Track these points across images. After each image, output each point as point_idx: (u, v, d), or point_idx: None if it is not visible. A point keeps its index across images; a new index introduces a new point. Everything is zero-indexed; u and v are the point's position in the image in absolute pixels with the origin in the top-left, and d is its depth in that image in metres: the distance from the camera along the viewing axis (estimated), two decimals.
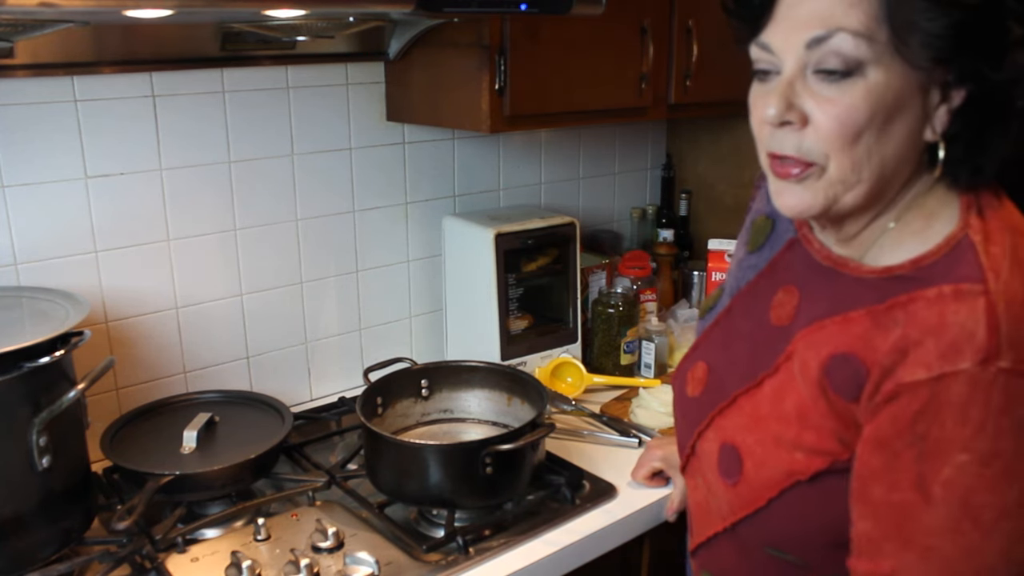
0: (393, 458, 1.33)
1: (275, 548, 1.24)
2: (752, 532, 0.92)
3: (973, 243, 0.78)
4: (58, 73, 1.37)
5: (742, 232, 1.08)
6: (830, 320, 0.84)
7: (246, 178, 1.62)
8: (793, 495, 0.86)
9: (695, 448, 1.00)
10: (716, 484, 0.95)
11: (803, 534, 0.88)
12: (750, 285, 1.00)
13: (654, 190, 2.36)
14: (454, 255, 1.84)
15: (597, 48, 1.64)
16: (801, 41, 0.77)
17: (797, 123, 0.78)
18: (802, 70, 0.78)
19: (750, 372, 0.93)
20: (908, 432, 0.75)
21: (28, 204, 1.39)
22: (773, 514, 0.88)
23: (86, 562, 1.21)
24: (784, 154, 0.80)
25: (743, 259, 1.04)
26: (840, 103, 0.76)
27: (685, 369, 1.06)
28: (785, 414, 0.87)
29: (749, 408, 0.91)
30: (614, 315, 1.84)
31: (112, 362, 1.22)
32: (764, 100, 0.81)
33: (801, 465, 0.85)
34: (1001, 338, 0.73)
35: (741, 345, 0.97)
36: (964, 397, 0.73)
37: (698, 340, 1.07)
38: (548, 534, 1.31)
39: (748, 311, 0.99)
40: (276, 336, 1.72)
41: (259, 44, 1.54)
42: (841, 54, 0.75)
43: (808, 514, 0.87)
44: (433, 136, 1.85)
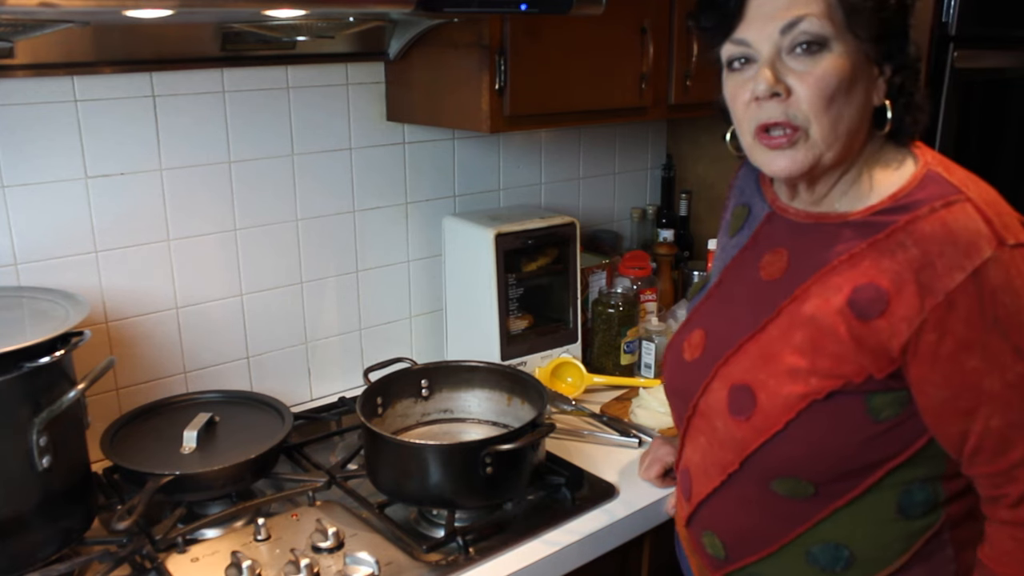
0: (393, 458, 1.33)
1: (275, 548, 1.24)
2: (764, 462, 0.99)
3: (938, 172, 0.95)
4: (58, 73, 1.37)
5: (723, 224, 1.21)
6: (837, 262, 0.96)
7: (246, 178, 1.62)
8: (808, 416, 0.95)
9: (697, 406, 1.07)
10: (726, 427, 1.02)
11: (816, 455, 0.96)
12: (735, 259, 1.11)
13: (654, 190, 2.36)
14: (454, 255, 1.84)
15: (597, 48, 1.64)
16: (776, 29, 0.92)
17: (783, 94, 0.93)
18: (778, 53, 0.93)
19: (752, 322, 1.02)
20: (983, 324, 0.87)
21: (28, 204, 1.39)
22: (788, 436, 0.96)
23: (86, 562, 1.21)
24: (774, 121, 0.94)
25: (726, 244, 1.16)
26: (815, 73, 0.92)
27: (681, 339, 1.14)
28: (798, 347, 0.96)
29: (756, 350, 1.00)
30: (614, 315, 1.85)
31: (112, 362, 1.22)
32: (749, 83, 0.95)
33: (817, 387, 0.94)
34: (997, 227, 0.88)
35: (736, 306, 1.07)
36: (1003, 276, 0.87)
37: (691, 314, 1.16)
38: (548, 534, 1.31)
39: (738, 279, 1.09)
40: (276, 336, 1.73)
41: (259, 44, 1.55)
42: (810, 32, 0.91)
43: (822, 433, 0.95)
44: (433, 136, 1.85)
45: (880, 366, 0.92)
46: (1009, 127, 2.20)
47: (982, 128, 2.09)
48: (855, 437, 0.94)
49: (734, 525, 1.07)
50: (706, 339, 1.08)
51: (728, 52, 0.97)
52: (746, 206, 1.14)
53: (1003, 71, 2.08)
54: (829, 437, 0.95)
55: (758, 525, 1.04)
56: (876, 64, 0.95)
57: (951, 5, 1.87)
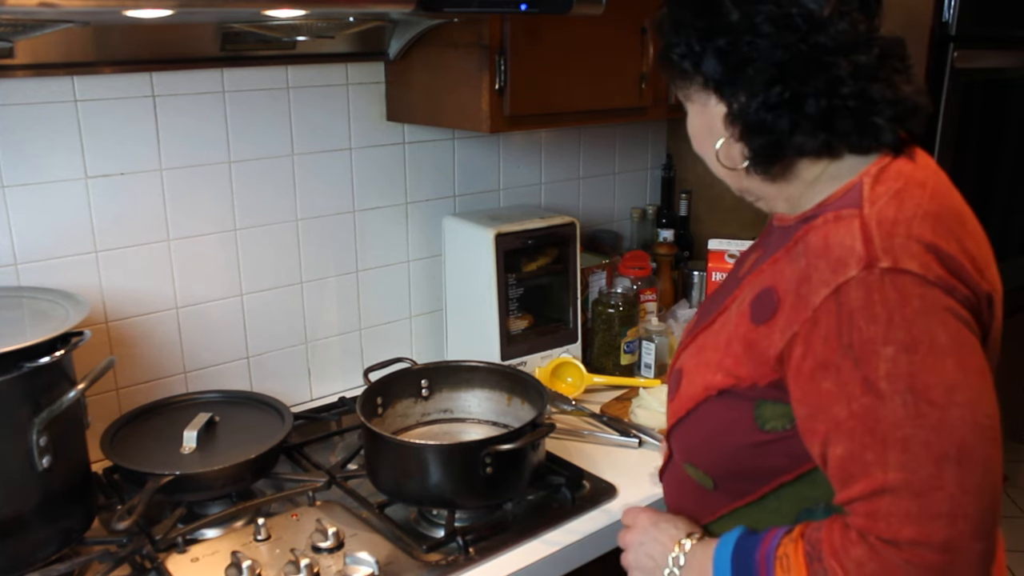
0: (393, 458, 1.33)
1: (275, 548, 1.24)
2: (677, 444, 1.06)
3: (862, 184, 0.90)
4: (58, 73, 1.37)
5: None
6: (767, 263, 0.96)
7: (246, 178, 1.62)
8: (704, 408, 0.98)
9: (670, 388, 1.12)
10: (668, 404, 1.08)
11: (707, 448, 1.00)
12: (737, 261, 1.14)
13: (654, 190, 2.36)
14: (454, 255, 1.84)
15: (597, 48, 1.64)
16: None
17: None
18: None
19: (709, 315, 1.07)
20: (838, 346, 0.83)
21: (28, 204, 1.39)
22: (688, 425, 1.01)
23: (86, 562, 1.21)
24: None
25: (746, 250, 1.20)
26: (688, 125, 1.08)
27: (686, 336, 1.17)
28: (718, 343, 0.99)
29: (700, 341, 1.05)
30: (614, 315, 1.85)
31: (112, 362, 1.22)
32: None
33: (716, 382, 0.97)
34: (876, 247, 0.83)
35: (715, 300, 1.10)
36: (863, 299, 0.82)
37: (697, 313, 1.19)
38: (548, 534, 1.31)
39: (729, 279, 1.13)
40: (276, 336, 1.73)
41: (259, 44, 1.55)
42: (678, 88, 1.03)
43: (712, 428, 0.98)
44: (433, 136, 1.85)
45: (761, 373, 0.91)
46: (1009, 127, 2.20)
47: (982, 128, 2.09)
48: (742, 440, 0.95)
49: (671, 502, 1.13)
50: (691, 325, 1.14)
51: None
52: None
53: (1003, 71, 2.08)
54: (718, 434, 0.98)
55: (682, 504, 1.09)
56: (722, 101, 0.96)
57: (951, 5, 1.87)
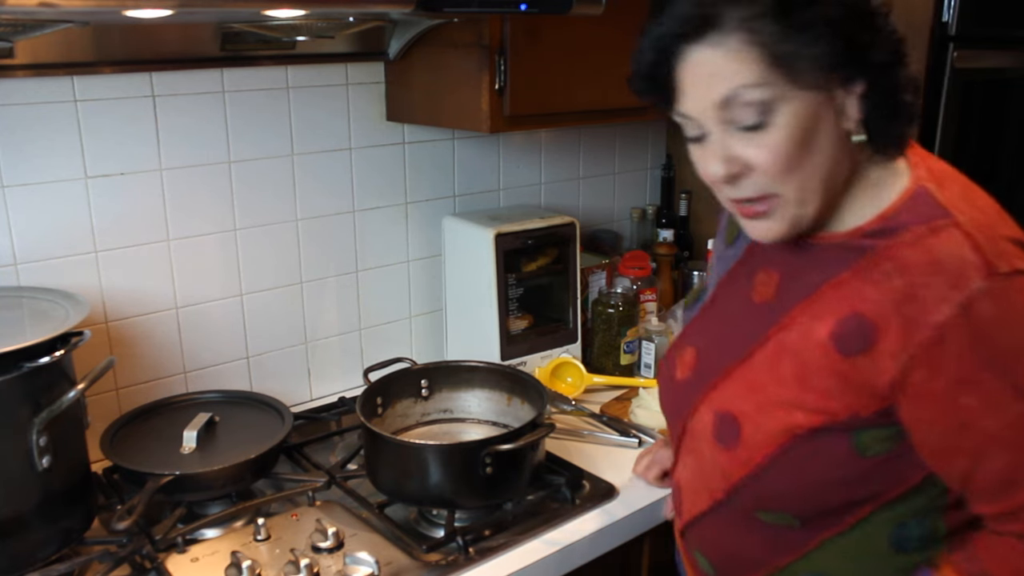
0: (393, 458, 1.33)
1: (275, 548, 1.24)
2: (748, 494, 0.96)
3: (928, 189, 0.88)
4: (58, 73, 1.37)
5: (719, 230, 1.16)
6: (825, 286, 0.91)
7: (246, 178, 1.62)
8: (791, 451, 0.91)
9: (686, 427, 1.05)
10: (711, 454, 0.99)
11: (798, 491, 0.93)
12: (729, 273, 1.08)
13: (654, 190, 2.36)
14: (454, 255, 1.84)
15: (597, 48, 1.64)
16: (712, 104, 0.85)
17: (741, 172, 0.87)
18: (725, 126, 0.86)
19: (740, 347, 0.99)
20: (976, 361, 0.81)
21: (28, 204, 1.39)
22: (771, 471, 0.93)
23: (86, 562, 1.21)
24: (744, 197, 0.89)
25: (722, 252, 1.12)
26: (768, 145, 0.85)
27: (673, 356, 1.11)
28: (783, 379, 0.92)
29: (743, 379, 0.97)
30: (614, 315, 1.85)
31: (112, 362, 1.22)
32: (705, 162, 0.90)
33: (800, 421, 0.90)
34: (987, 254, 0.81)
35: (727, 326, 1.04)
36: (995, 308, 0.80)
37: (685, 329, 1.14)
38: (548, 534, 1.31)
39: (730, 296, 1.06)
40: (276, 336, 1.72)
41: (259, 44, 1.55)
42: (750, 104, 0.83)
43: (804, 470, 0.91)
44: (433, 136, 1.85)
45: (865, 403, 0.87)
46: (1009, 127, 2.20)
47: (982, 128, 2.09)
48: (839, 473, 0.90)
49: (722, 549, 1.04)
50: (697, 359, 1.05)
51: (684, 126, 0.92)
52: None
53: (1003, 71, 2.08)
54: (812, 474, 0.91)
55: (746, 551, 1.01)
56: (841, 87, 0.85)
57: (951, 5, 1.87)
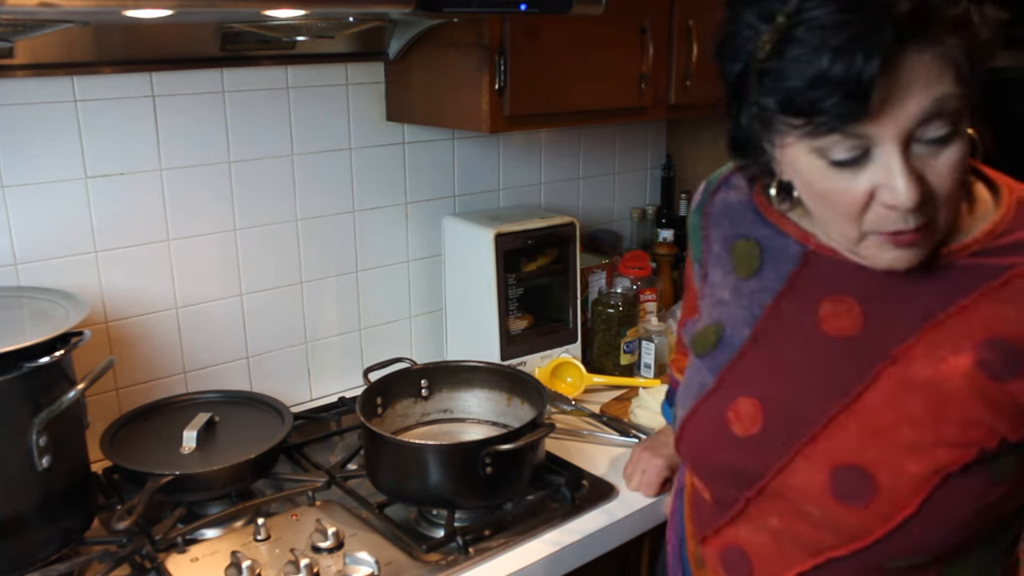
0: (393, 458, 1.33)
1: (275, 548, 1.24)
2: (888, 548, 0.87)
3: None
4: (58, 73, 1.37)
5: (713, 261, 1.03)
6: (943, 316, 0.85)
7: (246, 178, 1.62)
8: (942, 492, 0.85)
9: (767, 487, 0.92)
10: (828, 513, 0.89)
11: (945, 531, 0.86)
12: (771, 310, 0.94)
13: (654, 190, 2.36)
14: (454, 255, 1.84)
15: (597, 48, 1.64)
16: (910, 119, 0.75)
17: (923, 202, 0.77)
18: (908, 144, 0.76)
19: (835, 390, 0.89)
20: None
21: (28, 204, 1.39)
22: (922, 520, 0.85)
23: (86, 562, 1.21)
24: (909, 228, 0.79)
25: (737, 286, 0.98)
26: (951, 162, 0.77)
27: (721, 410, 0.96)
28: (915, 418, 0.85)
29: (856, 425, 0.87)
30: (614, 315, 1.84)
31: (112, 362, 1.22)
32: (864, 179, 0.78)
33: (946, 460, 0.84)
34: None
35: (796, 369, 0.92)
36: None
37: (722, 376, 0.97)
38: (548, 534, 1.31)
39: (785, 335, 0.93)
40: (276, 336, 1.72)
41: (259, 44, 1.55)
42: (946, 115, 0.75)
43: (952, 510, 0.85)
44: (433, 136, 1.85)
45: (1015, 427, 0.83)
46: (1009, 127, 2.20)
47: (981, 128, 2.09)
48: (982, 503, 0.85)
49: None
50: (764, 410, 0.92)
51: (837, 145, 0.77)
52: (753, 241, 0.98)
53: (1003, 71, 2.08)
54: (958, 511, 0.85)
55: None
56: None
57: None
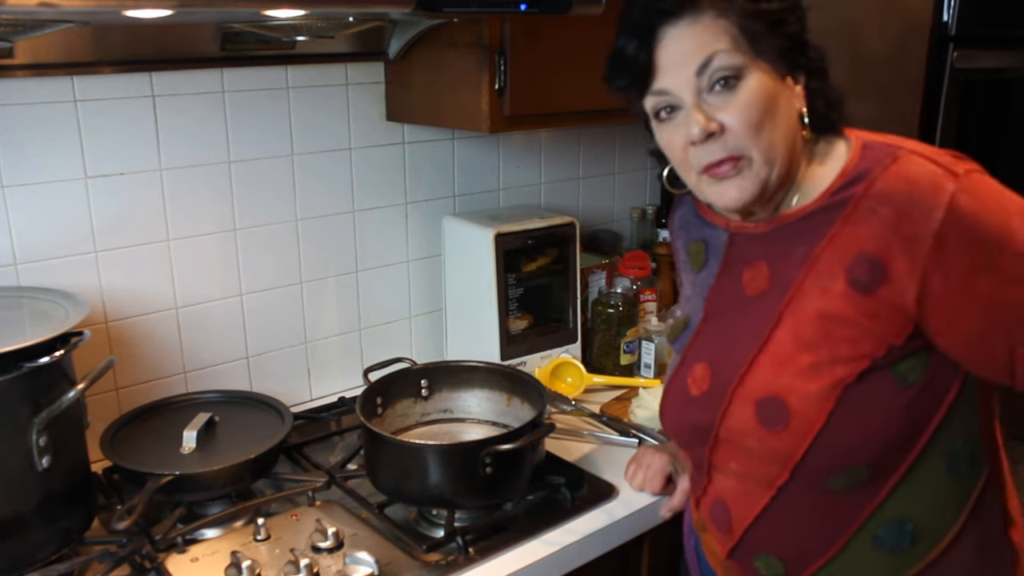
0: (393, 458, 1.33)
1: (275, 548, 1.24)
2: (816, 462, 0.99)
3: (871, 140, 1.01)
4: (58, 73, 1.37)
5: (681, 266, 1.23)
6: (819, 249, 0.98)
7: (246, 178, 1.62)
8: (845, 403, 0.96)
9: (718, 436, 1.06)
10: (761, 443, 1.01)
11: (863, 438, 0.97)
12: (714, 289, 1.11)
13: (654, 190, 2.36)
14: (454, 255, 1.84)
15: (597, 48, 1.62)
16: (691, 72, 0.96)
17: (717, 131, 0.96)
18: (699, 94, 0.96)
19: (755, 337, 1.02)
20: (977, 244, 0.90)
21: (28, 204, 1.39)
22: (833, 429, 0.96)
23: (86, 562, 1.21)
24: (717, 159, 0.97)
25: (694, 280, 1.16)
26: (739, 104, 0.95)
27: (681, 379, 1.12)
28: (811, 342, 0.97)
29: (769, 361, 1.00)
30: (614, 315, 1.85)
31: (112, 362, 1.22)
32: (681, 128, 0.99)
33: (843, 372, 0.95)
34: (944, 165, 0.94)
35: (731, 329, 1.07)
36: (973, 199, 0.91)
37: (684, 352, 1.14)
38: (548, 534, 1.31)
39: (724, 306, 1.09)
40: (276, 336, 1.73)
41: (259, 44, 1.55)
42: (724, 67, 0.95)
43: (863, 415, 0.96)
44: (433, 136, 1.85)
45: (897, 332, 0.94)
46: (1009, 127, 2.20)
47: (982, 128, 2.09)
48: (892, 407, 0.95)
49: (791, 538, 1.05)
50: (711, 370, 1.07)
51: (652, 104, 1.01)
52: (700, 241, 1.16)
53: (1003, 71, 2.08)
54: (871, 417, 0.96)
55: (819, 528, 1.03)
56: (789, 75, 0.99)
57: (951, 5, 1.87)
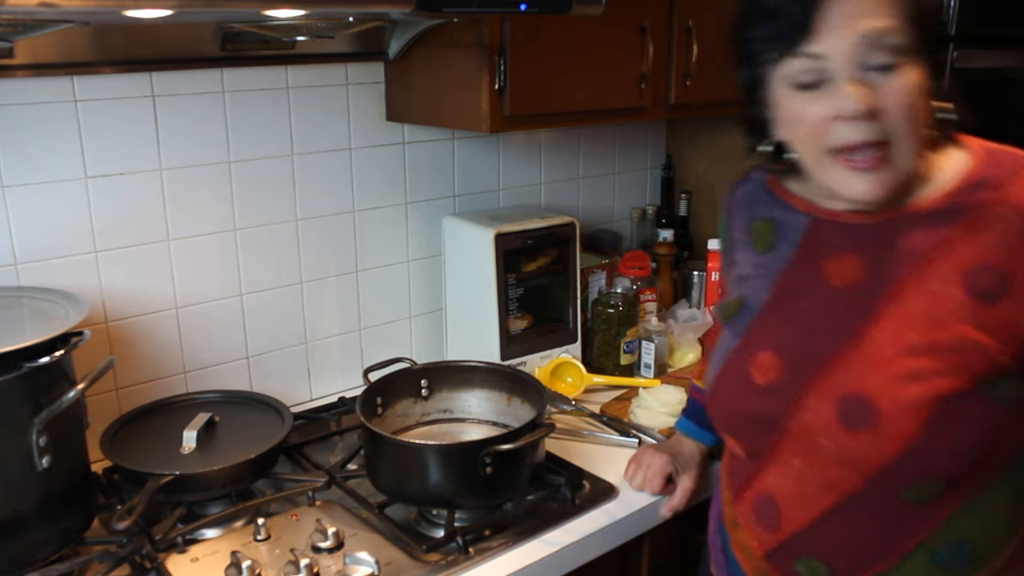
0: (393, 458, 1.33)
1: (275, 548, 1.24)
2: (898, 471, 0.94)
3: (996, 148, 0.98)
4: (58, 73, 1.37)
5: (736, 244, 1.14)
6: (931, 253, 0.93)
7: (246, 178, 1.62)
8: (940, 415, 0.91)
9: (786, 428, 1.00)
10: (838, 443, 0.96)
11: (952, 452, 0.92)
12: (785, 274, 1.05)
13: (654, 190, 2.36)
14: (454, 255, 1.84)
15: (597, 48, 1.64)
16: (855, 41, 0.88)
17: (872, 111, 0.88)
18: (856, 67, 0.88)
19: (841, 331, 0.97)
20: None
21: (28, 204, 1.39)
22: (924, 440, 0.91)
23: (86, 562, 1.21)
24: (862, 141, 0.90)
25: (757, 260, 1.09)
26: (901, 88, 0.89)
27: (743, 364, 1.05)
28: (913, 347, 0.92)
29: (860, 358, 0.95)
30: (614, 315, 1.84)
31: (112, 362, 1.22)
32: (825, 100, 0.90)
33: (943, 384, 0.91)
34: None
35: (808, 318, 1.01)
36: None
37: (746, 337, 1.07)
38: (548, 534, 1.31)
39: (797, 292, 1.03)
40: (276, 336, 1.72)
41: (259, 44, 1.55)
42: (893, 46, 0.88)
43: (956, 430, 0.92)
44: (433, 136, 1.85)
45: (1008, 349, 0.91)
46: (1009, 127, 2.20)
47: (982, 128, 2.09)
48: (986, 425, 0.92)
49: (845, 545, 1.00)
50: (781, 360, 1.01)
51: (797, 67, 0.91)
52: (769, 220, 1.08)
53: (1003, 71, 2.08)
54: (963, 432, 0.92)
55: (878, 537, 0.98)
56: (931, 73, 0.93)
57: (951, 5, 1.87)
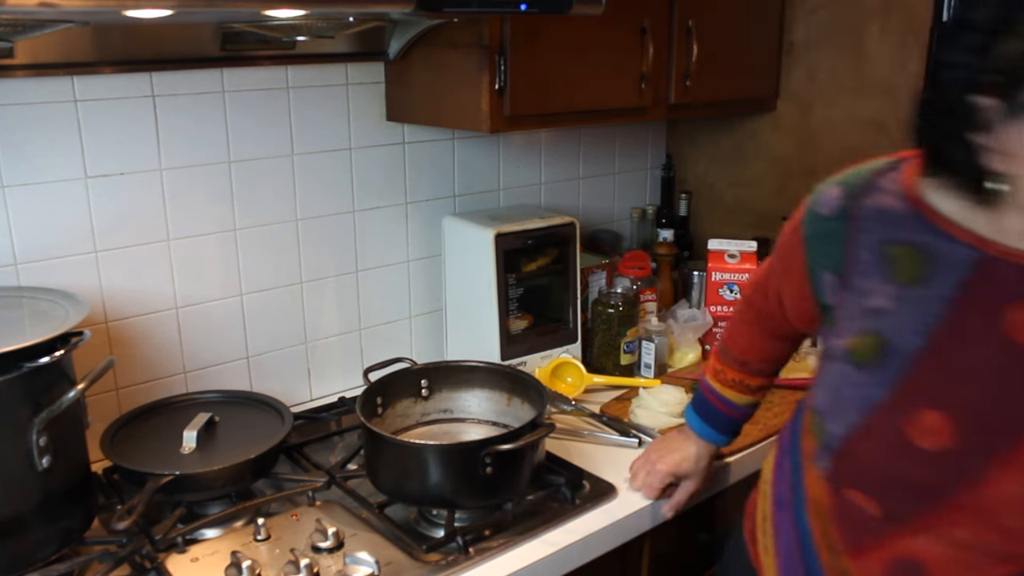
0: (393, 458, 1.33)
1: (275, 548, 1.24)
2: None
3: None
4: (58, 73, 1.37)
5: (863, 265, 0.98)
6: None
7: (246, 178, 1.62)
8: None
9: (959, 502, 0.93)
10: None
11: None
12: (948, 320, 0.92)
13: (654, 190, 2.36)
14: (454, 255, 1.84)
15: (597, 48, 1.64)
16: None
17: None
18: None
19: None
20: None
21: (28, 204, 1.39)
22: None
23: (86, 562, 1.21)
24: None
25: (898, 293, 0.95)
26: None
27: (897, 421, 0.95)
28: None
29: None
30: (614, 315, 1.84)
31: (112, 362, 1.22)
32: None
33: None
34: None
35: (988, 379, 0.90)
36: None
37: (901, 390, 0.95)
38: (548, 534, 1.31)
39: (969, 343, 0.91)
40: (276, 336, 1.73)
41: (259, 44, 1.55)
42: None
43: None
44: (433, 136, 1.85)
45: None
46: None
47: None
48: None
49: None
50: (954, 424, 0.91)
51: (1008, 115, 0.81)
52: (913, 247, 0.94)
53: None
54: None
55: None
56: None
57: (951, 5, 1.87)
